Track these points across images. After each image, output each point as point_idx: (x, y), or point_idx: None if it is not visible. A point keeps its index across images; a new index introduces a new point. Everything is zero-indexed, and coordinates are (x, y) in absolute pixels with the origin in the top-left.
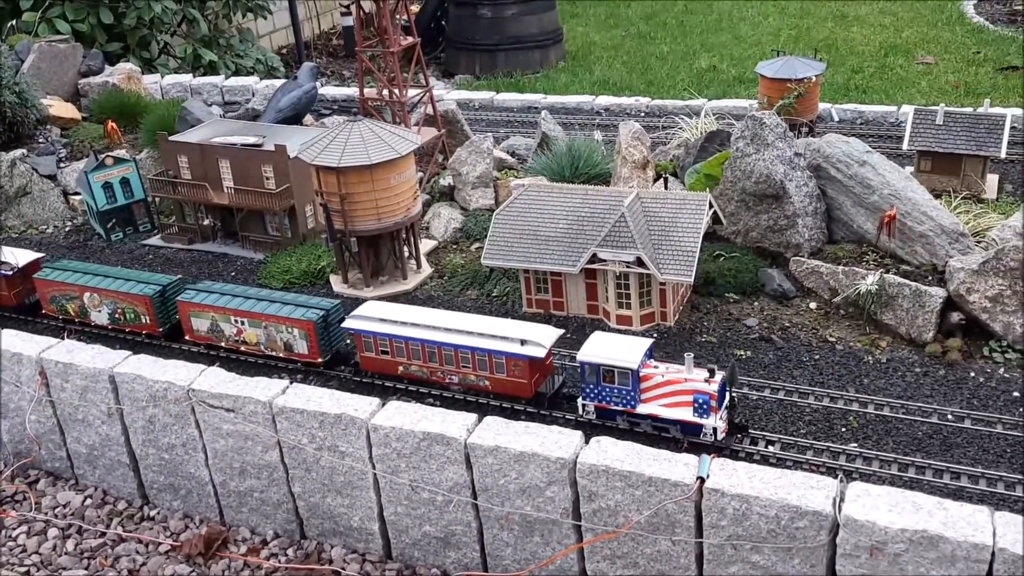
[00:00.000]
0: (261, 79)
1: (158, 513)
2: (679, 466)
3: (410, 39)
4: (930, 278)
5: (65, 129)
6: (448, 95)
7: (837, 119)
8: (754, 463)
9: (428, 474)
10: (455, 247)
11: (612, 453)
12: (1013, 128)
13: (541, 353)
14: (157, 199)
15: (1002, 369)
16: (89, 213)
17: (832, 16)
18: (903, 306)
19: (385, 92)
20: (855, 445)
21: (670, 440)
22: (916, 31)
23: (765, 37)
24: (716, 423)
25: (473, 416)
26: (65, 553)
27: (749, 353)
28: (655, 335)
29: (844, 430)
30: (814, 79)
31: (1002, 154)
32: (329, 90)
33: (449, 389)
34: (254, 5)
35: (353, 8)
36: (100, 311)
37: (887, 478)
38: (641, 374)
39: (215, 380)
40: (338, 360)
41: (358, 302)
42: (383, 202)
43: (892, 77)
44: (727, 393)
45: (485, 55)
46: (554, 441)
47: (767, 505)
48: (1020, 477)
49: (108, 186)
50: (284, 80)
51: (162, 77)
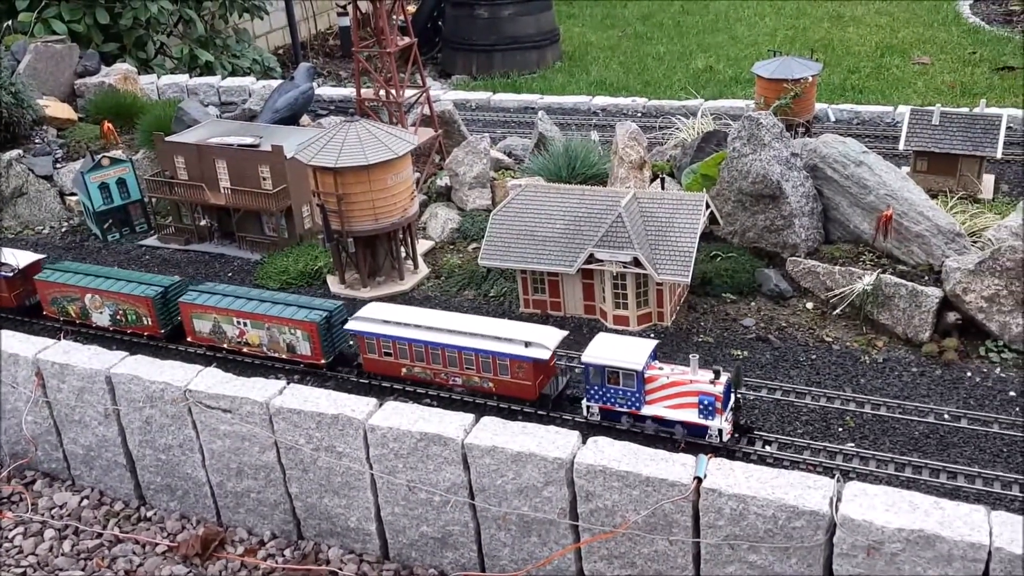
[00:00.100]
0: (258, 79)
1: (155, 514)
2: (676, 466)
3: (407, 39)
4: (926, 278)
5: (61, 130)
6: (445, 95)
7: (833, 119)
8: (751, 463)
9: (425, 474)
10: (452, 247)
11: (609, 453)
12: (1009, 128)
13: (545, 355)
14: (154, 200)
15: (998, 369)
16: (85, 214)
17: (828, 16)
18: (900, 306)
19: (382, 92)
20: (852, 445)
21: (667, 440)
22: (912, 31)
23: (761, 37)
24: (721, 425)
25: (470, 416)
26: (62, 554)
27: (746, 353)
28: (652, 335)
29: (841, 430)
30: (810, 79)
31: (998, 154)
32: (326, 90)
33: (453, 391)
34: (250, 5)
35: (350, 8)
36: (102, 313)
37: (884, 478)
38: (646, 375)
39: (212, 381)
40: (341, 362)
41: (356, 302)
42: (380, 202)
43: (888, 77)
44: (732, 394)
45: (482, 55)
46: (551, 441)
47: (764, 505)
48: (1016, 476)
49: (104, 187)
50: (281, 81)
51: (158, 77)
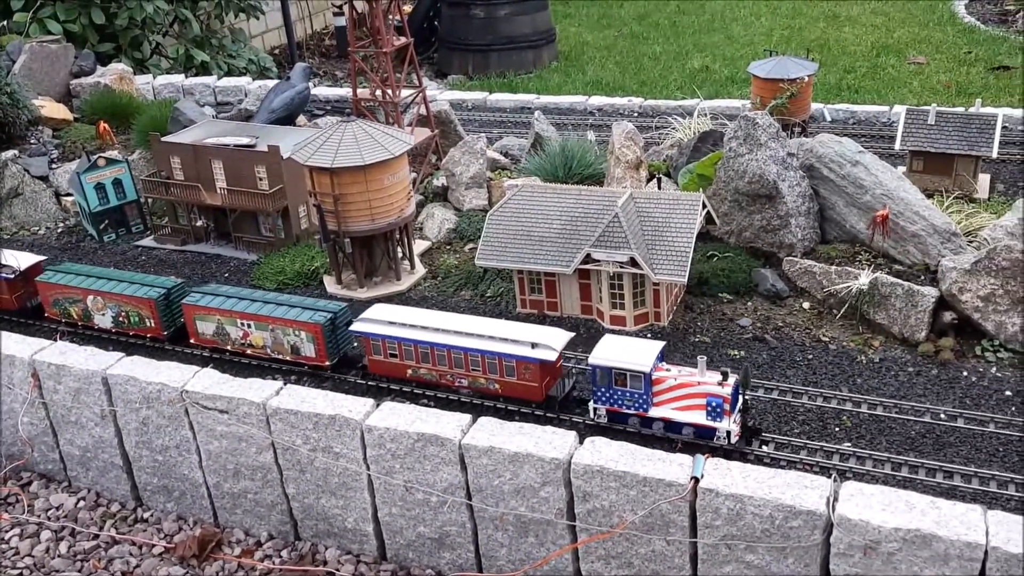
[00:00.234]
0: (254, 80)
1: (152, 515)
2: (673, 466)
3: (403, 39)
4: (923, 278)
5: (57, 130)
6: (441, 95)
7: (829, 119)
8: (748, 463)
9: (422, 475)
10: (449, 248)
11: (606, 453)
12: (1005, 128)
13: (552, 356)
14: (150, 200)
15: (994, 368)
16: (81, 214)
17: (824, 16)
18: (896, 306)
19: (378, 92)
20: (848, 444)
21: (664, 440)
22: (908, 31)
23: (757, 37)
24: (730, 426)
25: (467, 417)
26: (58, 555)
27: (743, 353)
28: (649, 335)
29: (837, 429)
30: (806, 79)
31: (994, 154)
32: (322, 90)
33: (458, 392)
34: (246, 5)
35: (346, 8)
36: (104, 314)
37: (880, 477)
38: (653, 377)
39: (209, 381)
40: (345, 363)
41: (354, 303)
42: (377, 203)
43: (884, 77)
44: (740, 396)
45: (478, 55)
46: (548, 442)
47: (761, 505)
48: (1013, 476)
49: (100, 187)
50: (277, 81)
51: (154, 78)
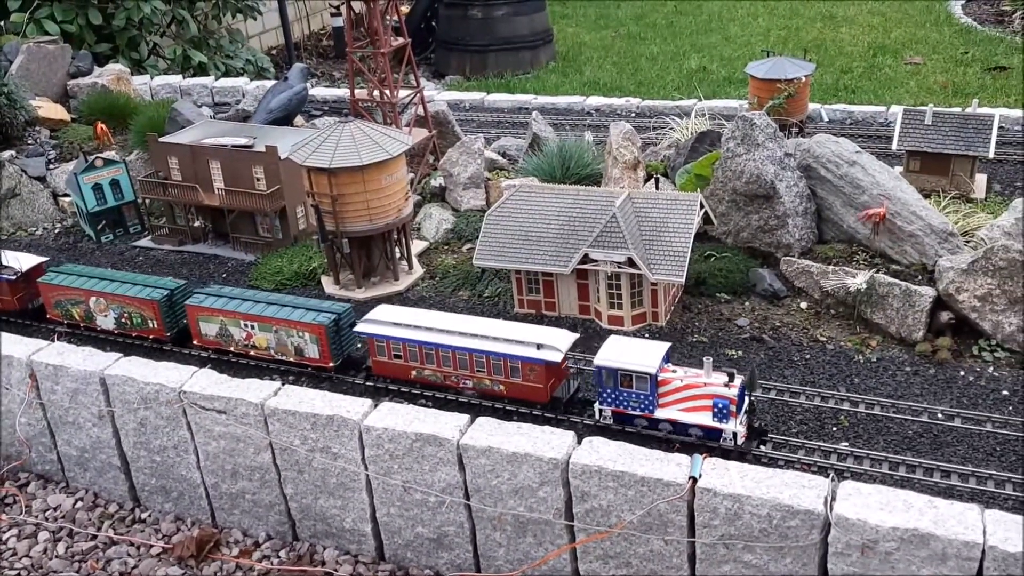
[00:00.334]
0: (251, 80)
1: (150, 515)
2: (671, 466)
3: (400, 40)
4: (920, 278)
5: (54, 130)
6: (439, 96)
7: (827, 119)
8: (746, 462)
9: (421, 475)
10: (446, 248)
11: (604, 453)
12: (1001, 128)
13: (557, 357)
14: (147, 201)
15: (991, 368)
16: (79, 215)
17: (821, 17)
18: (893, 305)
19: (376, 93)
20: (846, 444)
21: (662, 440)
22: (904, 31)
23: (755, 38)
24: (736, 428)
25: (465, 417)
26: (56, 556)
27: (740, 353)
28: (646, 335)
29: (835, 429)
30: (804, 79)
31: (990, 154)
32: (319, 91)
33: (463, 394)
34: (244, 6)
35: (343, 9)
36: (106, 316)
37: (878, 477)
38: (659, 378)
39: (207, 382)
40: (349, 364)
41: (351, 304)
42: (374, 203)
43: (881, 77)
44: (747, 397)
45: (475, 56)
46: (546, 442)
47: (759, 504)
48: (1010, 475)
49: (98, 188)
50: (274, 81)
51: (151, 78)
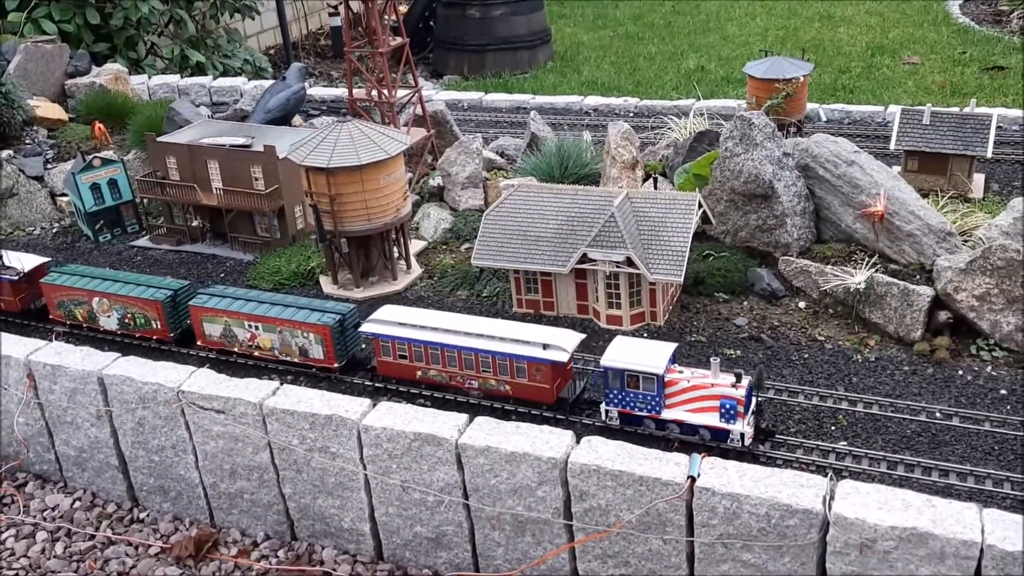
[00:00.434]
0: (249, 80)
1: (148, 515)
2: (670, 465)
3: (398, 39)
4: (918, 277)
5: (52, 130)
6: (437, 95)
7: (825, 119)
8: (744, 462)
9: (419, 475)
10: (445, 248)
11: (603, 452)
12: (999, 128)
13: (564, 358)
14: (145, 200)
15: (989, 367)
16: (77, 214)
17: (819, 16)
18: (891, 305)
19: (374, 93)
20: (844, 443)
21: (661, 440)
22: (902, 31)
23: (753, 37)
24: (744, 428)
25: (464, 416)
26: (54, 556)
27: (739, 352)
28: (645, 335)
29: (833, 428)
30: (802, 79)
31: (988, 154)
32: (317, 91)
33: (468, 394)
34: (241, 5)
35: (341, 8)
36: (109, 316)
37: (876, 476)
38: (666, 379)
39: (205, 381)
40: (353, 365)
41: (350, 304)
42: (373, 203)
43: (879, 77)
44: (754, 398)
45: (473, 55)
46: (545, 441)
47: (757, 504)
48: (1008, 474)
49: (96, 187)
50: (272, 81)
51: (149, 78)
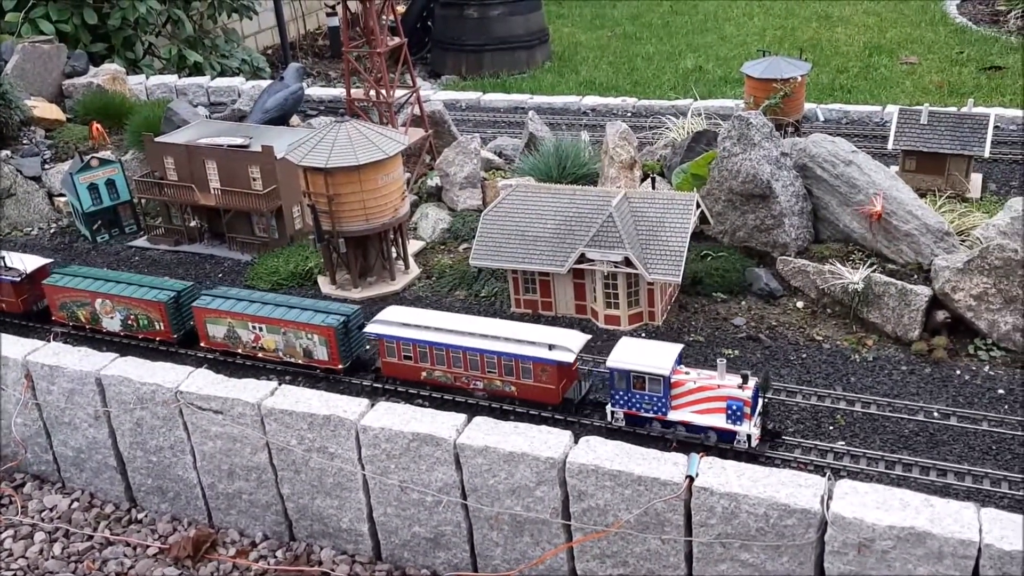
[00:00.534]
0: (247, 80)
1: (146, 516)
2: (668, 465)
3: (396, 39)
4: (916, 277)
5: (49, 130)
6: (435, 96)
7: (823, 119)
8: (743, 461)
9: (418, 475)
10: (443, 248)
11: (601, 452)
12: (997, 128)
13: (569, 358)
14: (143, 200)
15: (987, 367)
16: (74, 215)
17: (816, 16)
18: (889, 305)
19: (372, 93)
20: (842, 443)
21: (659, 440)
22: (900, 31)
23: (750, 37)
24: (750, 430)
25: (462, 416)
26: (52, 557)
27: (737, 352)
28: (643, 335)
29: (831, 428)
30: (800, 79)
31: (986, 153)
32: (315, 91)
33: (473, 395)
34: (239, 5)
35: (339, 8)
36: (112, 318)
37: (874, 476)
38: (672, 380)
39: (203, 382)
40: (358, 366)
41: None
42: (371, 203)
43: (876, 77)
44: (760, 399)
45: (471, 55)
46: (543, 441)
47: (756, 503)
48: (1006, 473)
49: (93, 187)
50: (270, 81)
51: (147, 78)
